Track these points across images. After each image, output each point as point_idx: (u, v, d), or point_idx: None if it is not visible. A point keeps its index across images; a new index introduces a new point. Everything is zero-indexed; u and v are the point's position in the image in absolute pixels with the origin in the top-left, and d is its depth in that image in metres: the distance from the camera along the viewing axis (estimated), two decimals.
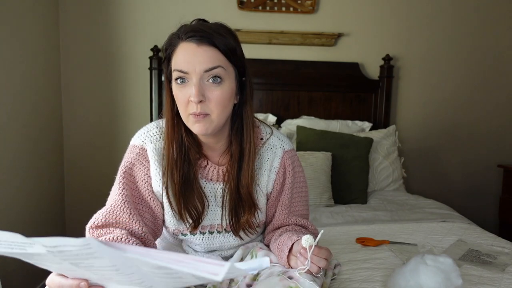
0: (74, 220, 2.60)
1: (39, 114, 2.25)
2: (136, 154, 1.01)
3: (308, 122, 2.50)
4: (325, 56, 2.68)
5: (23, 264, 2.18)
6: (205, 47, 0.91)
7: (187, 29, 0.93)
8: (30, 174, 2.15)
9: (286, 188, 1.09)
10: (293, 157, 1.11)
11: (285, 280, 0.86)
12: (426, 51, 2.77)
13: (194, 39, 0.91)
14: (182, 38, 0.93)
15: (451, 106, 2.83)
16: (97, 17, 2.52)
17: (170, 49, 0.95)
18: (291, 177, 1.08)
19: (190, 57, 0.91)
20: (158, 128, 1.04)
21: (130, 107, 2.59)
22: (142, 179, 1.01)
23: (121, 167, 1.01)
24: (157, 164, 1.00)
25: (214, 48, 0.92)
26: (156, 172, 1.00)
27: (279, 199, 1.10)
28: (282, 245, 0.98)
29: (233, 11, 2.58)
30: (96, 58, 2.54)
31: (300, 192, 1.12)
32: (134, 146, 1.03)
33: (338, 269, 1.24)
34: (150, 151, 1.01)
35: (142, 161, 1.01)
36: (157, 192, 1.02)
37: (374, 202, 2.20)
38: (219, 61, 0.92)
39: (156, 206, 1.02)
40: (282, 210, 1.09)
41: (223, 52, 0.93)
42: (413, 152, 2.82)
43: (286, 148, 1.09)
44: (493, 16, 2.79)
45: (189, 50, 0.92)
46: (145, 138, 1.02)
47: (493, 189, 2.93)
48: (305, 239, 0.87)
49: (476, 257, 1.37)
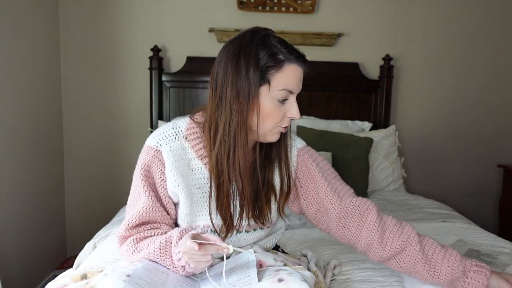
0: (74, 220, 2.60)
1: (39, 114, 2.25)
2: (151, 156, 1.02)
3: (308, 122, 2.50)
4: (325, 56, 2.68)
5: (23, 264, 2.19)
6: (304, 72, 1.04)
7: (292, 51, 1.00)
8: (30, 174, 2.15)
9: (317, 180, 1.11)
10: (309, 151, 1.16)
11: (276, 283, 0.86)
12: (426, 51, 2.77)
13: (303, 64, 1.02)
14: (292, 60, 0.99)
15: (451, 106, 2.83)
16: (97, 17, 2.52)
17: (272, 63, 0.98)
18: (316, 168, 1.12)
19: (299, 79, 1.02)
20: (174, 130, 1.04)
21: (130, 107, 2.59)
22: (158, 180, 1.02)
23: (139, 168, 1.03)
24: (174, 165, 1.01)
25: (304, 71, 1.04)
26: (172, 173, 1.01)
27: (316, 194, 1.12)
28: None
29: (233, 11, 2.58)
30: (96, 58, 2.54)
31: (335, 176, 1.17)
32: (149, 147, 1.03)
33: (337, 269, 1.24)
34: (165, 152, 1.01)
35: (157, 163, 1.02)
36: (172, 192, 1.03)
37: (374, 202, 2.19)
38: None
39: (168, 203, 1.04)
40: (331, 199, 1.10)
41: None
42: (413, 152, 2.82)
43: (299, 146, 1.15)
44: (493, 16, 2.79)
45: (299, 73, 1.01)
46: (161, 140, 1.02)
47: (493, 189, 2.93)
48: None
49: (476, 257, 1.37)
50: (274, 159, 1.09)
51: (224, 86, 0.98)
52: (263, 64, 0.96)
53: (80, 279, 1.06)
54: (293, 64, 0.99)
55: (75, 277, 1.05)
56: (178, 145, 1.02)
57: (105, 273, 0.96)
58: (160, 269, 0.92)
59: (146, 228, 1.01)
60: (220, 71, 0.99)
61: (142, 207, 1.00)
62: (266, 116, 0.99)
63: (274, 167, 1.09)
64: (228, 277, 0.92)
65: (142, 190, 1.01)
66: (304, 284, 0.86)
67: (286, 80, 0.98)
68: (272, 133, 1.02)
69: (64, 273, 1.12)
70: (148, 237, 1.00)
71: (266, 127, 1.00)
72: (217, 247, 0.87)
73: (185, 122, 1.06)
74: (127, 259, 1.01)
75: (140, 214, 0.99)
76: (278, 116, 1.00)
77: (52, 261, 2.41)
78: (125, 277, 0.85)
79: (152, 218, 1.01)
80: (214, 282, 0.91)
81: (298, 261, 1.15)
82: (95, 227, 1.96)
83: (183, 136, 1.04)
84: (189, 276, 0.96)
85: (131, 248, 0.99)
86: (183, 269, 0.92)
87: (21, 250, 2.07)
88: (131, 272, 0.87)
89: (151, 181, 1.02)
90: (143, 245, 0.98)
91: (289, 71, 0.98)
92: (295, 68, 1.00)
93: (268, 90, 0.98)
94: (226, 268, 0.94)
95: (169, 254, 0.92)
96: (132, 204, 1.04)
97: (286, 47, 0.99)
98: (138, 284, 0.83)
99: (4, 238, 1.92)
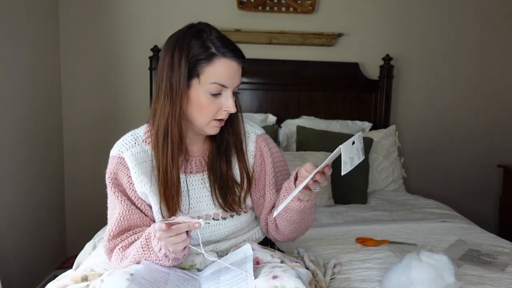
0: (74, 220, 2.60)
1: (39, 114, 2.25)
2: (115, 163, 1.06)
3: (308, 122, 2.50)
4: (325, 56, 2.68)
5: (23, 264, 2.19)
6: (241, 65, 1.02)
7: (226, 45, 0.99)
8: (30, 174, 2.15)
9: (268, 169, 1.14)
10: (267, 140, 1.18)
11: (270, 280, 0.87)
12: (426, 51, 2.77)
13: (238, 60, 1.00)
14: (225, 54, 0.98)
15: (451, 106, 2.83)
16: (97, 17, 2.52)
17: (202, 57, 0.98)
18: (269, 157, 1.15)
19: (233, 74, 1.00)
20: (132, 136, 1.10)
21: (130, 107, 2.59)
22: (126, 184, 1.05)
23: (107, 178, 1.07)
24: (137, 168, 1.05)
25: (242, 66, 1.03)
26: (137, 175, 1.04)
27: (264, 181, 1.15)
28: (287, 181, 1.06)
29: (233, 11, 2.58)
30: (96, 58, 2.54)
31: (283, 170, 1.18)
32: (112, 157, 1.08)
33: (337, 268, 1.24)
34: (127, 157, 1.05)
35: (122, 169, 1.05)
36: (142, 193, 1.06)
37: (374, 202, 2.20)
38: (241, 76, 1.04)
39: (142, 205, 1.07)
40: (270, 190, 1.14)
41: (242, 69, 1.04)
42: (413, 152, 2.82)
43: (258, 133, 1.17)
44: (493, 16, 2.79)
45: (233, 68, 1.00)
46: (121, 147, 1.07)
47: (493, 189, 2.93)
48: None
49: (476, 257, 1.37)
50: (228, 151, 1.11)
51: (160, 78, 1.02)
52: (194, 56, 0.98)
53: (80, 280, 1.06)
54: (225, 58, 0.98)
55: (76, 278, 1.06)
56: (139, 149, 1.07)
57: (102, 279, 0.96)
58: (161, 269, 0.93)
59: (129, 234, 1.03)
60: (159, 64, 1.03)
61: (118, 213, 1.03)
62: (199, 109, 1.01)
63: (230, 158, 1.12)
64: (225, 273, 0.93)
65: (115, 198, 1.05)
66: (298, 281, 0.86)
67: (217, 74, 0.98)
68: (209, 126, 1.04)
69: (64, 274, 1.12)
70: (132, 242, 1.02)
71: (201, 119, 1.03)
72: (188, 224, 0.88)
73: (143, 127, 1.13)
74: (118, 267, 1.02)
75: (118, 221, 1.02)
76: (212, 109, 1.01)
77: (52, 261, 2.41)
78: (128, 275, 0.87)
79: (132, 222, 1.03)
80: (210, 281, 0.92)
81: (296, 259, 1.15)
82: (95, 227, 1.95)
83: (142, 140, 1.09)
84: (189, 274, 0.97)
85: (119, 257, 1.01)
86: (167, 259, 0.93)
87: (21, 250, 2.07)
88: (134, 272, 0.88)
89: (121, 188, 1.06)
90: (129, 251, 1.00)
91: (220, 65, 0.98)
92: (228, 62, 0.99)
93: (199, 83, 0.99)
94: (223, 265, 0.94)
95: (152, 249, 0.94)
96: (110, 215, 1.07)
97: (220, 41, 0.99)
98: (141, 284, 0.84)
99: (4, 238, 1.92)
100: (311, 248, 1.44)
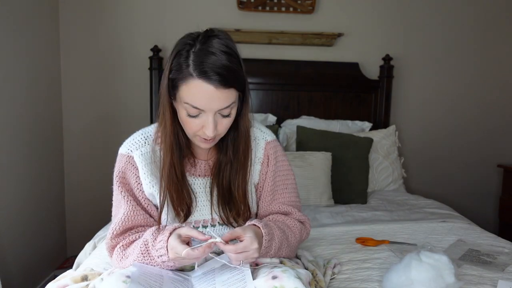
0: (74, 220, 2.60)
1: (39, 114, 2.25)
2: (124, 162, 1.06)
3: (308, 122, 2.50)
4: (325, 56, 2.68)
5: (23, 264, 2.19)
6: (222, 89, 0.90)
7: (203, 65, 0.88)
8: (30, 175, 2.15)
9: (268, 176, 1.13)
10: (276, 147, 1.15)
11: (270, 280, 0.87)
12: (426, 51, 2.77)
13: (214, 82, 0.88)
14: (198, 75, 0.88)
15: (451, 106, 2.83)
16: (97, 17, 2.51)
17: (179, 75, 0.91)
18: (273, 166, 1.13)
19: (208, 99, 0.90)
20: (143, 135, 1.08)
21: (130, 107, 2.59)
22: (134, 184, 1.05)
23: (115, 176, 1.06)
24: (146, 168, 1.04)
25: (230, 88, 0.91)
26: (146, 176, 1.04)
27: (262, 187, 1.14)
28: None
29: (233, 11, 2.58)
30: (96, 58, 2.54)
31: (285, 180, 1.16)
32: (121, 155, 1.07)
33: (337, 268, 1.24)
34: (136, 157, 1.05)
35: (131, 168, 1.05)
36: (150, 194, 1.06)
37: (374, 202, 2.20)
38: (233, 98, 0.94)
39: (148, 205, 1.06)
40: (264, 198, 1.13)
41: (236, 89, 0.94)
42: (413, 152, 2.82)
43: (268, 139, 1.14)
44: (493, 16, 2.79)
45: (207, 92, 0.89)
46: (131, 146, 1.07)
47: (493, 189, 2.93)
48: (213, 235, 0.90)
49: (476, 257, 1.37)
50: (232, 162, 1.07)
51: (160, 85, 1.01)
52: (173, 72, 0.94)
53: (80, 280, 1.06)
54: (198, 80, 0.89)
55: (76, 278, 1.06)
56: (148, 149, 1.06)
57: (101, 278, 0.96)
58: (153, 271, 0.94)
59: (131, 233, 1.03)
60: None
61: (123, 213, 1.03)
62: (183, 123, 0.99)
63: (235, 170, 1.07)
64: (220, 274, 0.92)
65: (121, 197, 1.04)
66: (298, 281, 0.86)
67: (190, 95, 0.91)
68: (196, 140, 1.00)
69: (64, 274, 1.12)
70: (134, 241, 1.02)
71: (187, 131, 1.00)
72: (204, 250, 0.87)
73: (153, 126, 1.10)
74: (118, 266, 1.02)
75: (122, 221, 1.02)
76: (192, 127, 0.96)
77: (52, 261, 2.41)
78: (124, 277, 0.86)
79: (135, 222, 1.03)
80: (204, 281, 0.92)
81: (295, 259, 1.15)
82: (95, 227, 1.96)
83: (153, 140, 1.07)
84: (180, 275, 0.97)
85: (119, 255, 1.02)
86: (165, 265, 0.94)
87: (21, 250, 2.07)
88: (130, 274, 0.88)
89: (128, 187, 1.05)
90: (130, 250, 1.00)
91: (193, 86, 0.90)
92: (200, 84, 0.89)
93: (178, 100, 0.96)
94: (218, 265, 0.95)
95: (152, 257, 0.94)
96: (115, 213, 1.07)
97: (199, 60, 0.89)
98: (141, 284, 0.84)
99: (4, 238, 1.92)
100: (311, 248, 1.44)
